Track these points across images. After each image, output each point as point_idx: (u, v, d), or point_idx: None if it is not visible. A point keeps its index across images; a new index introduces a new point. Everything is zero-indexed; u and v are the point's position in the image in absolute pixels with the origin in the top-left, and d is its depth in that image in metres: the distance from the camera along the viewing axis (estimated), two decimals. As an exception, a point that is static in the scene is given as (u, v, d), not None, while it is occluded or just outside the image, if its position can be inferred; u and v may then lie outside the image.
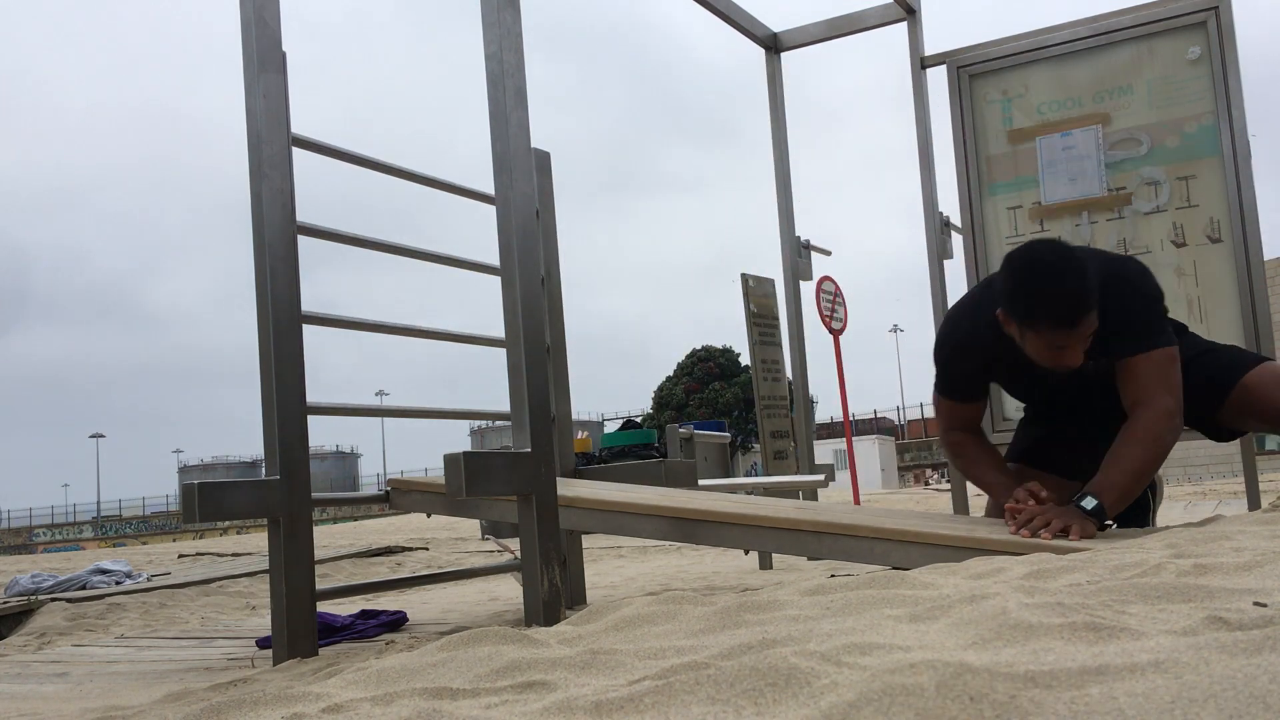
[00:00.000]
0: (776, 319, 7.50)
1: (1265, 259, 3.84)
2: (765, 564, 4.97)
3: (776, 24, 4.87)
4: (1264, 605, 1.04)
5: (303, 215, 2.60)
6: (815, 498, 5.55)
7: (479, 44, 2.49)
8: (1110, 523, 2.48)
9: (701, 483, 4.19)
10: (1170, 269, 3.87)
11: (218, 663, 2.87)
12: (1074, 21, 4.12)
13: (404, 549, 8.79)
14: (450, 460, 2.25)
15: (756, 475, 21.41)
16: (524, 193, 2.47)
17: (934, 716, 0.74)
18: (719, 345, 43.30)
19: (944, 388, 2.76)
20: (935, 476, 40.35)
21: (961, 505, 4.43)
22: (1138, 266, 2.56)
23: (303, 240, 2.61)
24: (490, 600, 4.32)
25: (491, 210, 2.55)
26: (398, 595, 5.08)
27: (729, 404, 40.31)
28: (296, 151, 2.63)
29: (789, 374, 6.55)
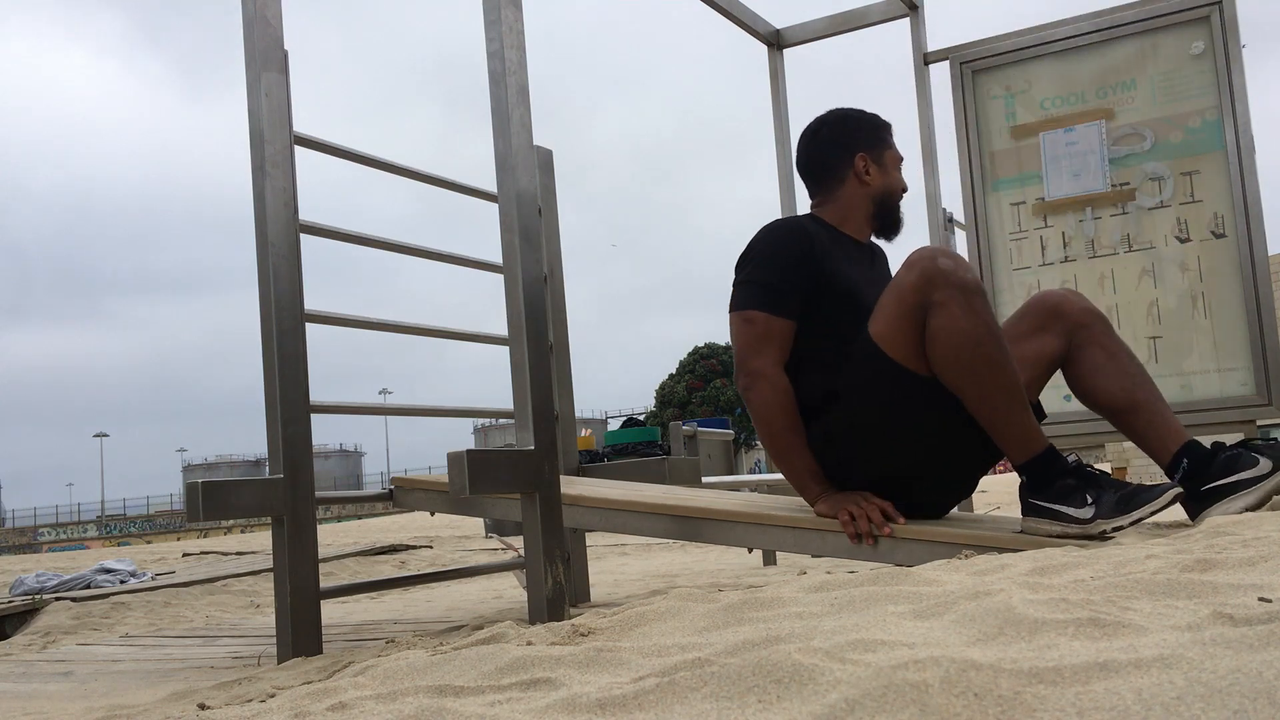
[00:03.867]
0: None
1: (1269, 254, 3.83)
2: (769, 561, 4.97)
3: (779, 20, 4.87)
4: (1269, 600, 1.03)
5: (305, 214, 2.61)
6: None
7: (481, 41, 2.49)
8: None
9: (705, 480, 4.19)
10: (1174, 264, 3.86)
11: (222, 661, 2.87)
12: (1077, 17, 4.11)
13: (408, 547, 8.80)
14: (454, 458, 2.25)
15: (760, 472, 21.41)
16: (527, 190, 2.47)
17: (938, 713, 0.74)
18: (722, 342, 43.31)
19: (764, 294, 2.41)
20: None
21: (965, 503, 4.42)
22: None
23: (305, 239, 2.61)
24: (494, 598, 4.33)
25: (494, 208, 2.55)
26: (402, 593, 5.08)
27: (732, 401, 40.32)
28: (299, 150, 2.63)
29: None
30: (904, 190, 2.67)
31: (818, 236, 2.49)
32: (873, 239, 2.69)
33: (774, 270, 2.43)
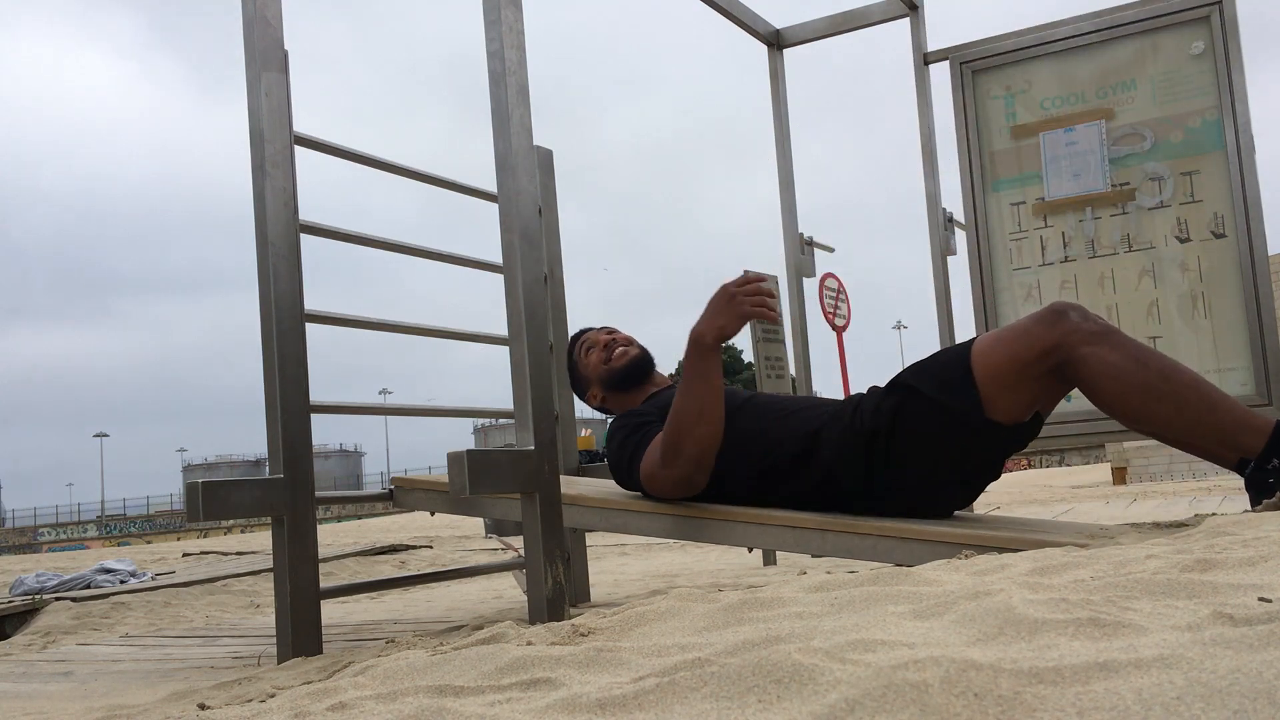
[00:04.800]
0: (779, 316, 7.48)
1: (1269, 254, 3.83)
2: (769, 561, 4.97)
3: (779, 20, 4.87)
4: (1269, 600, 1.03)
5: (305, 214, 2.61)
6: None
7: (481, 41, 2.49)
8: None
9: (705, 480, 4.18)
10: (1174, 264, 3.86)
11: (222, 661, 2.87)
12: (1077, 17, 4.11)
13: (408, 547, 8.79)
14: (454, 458, 2.25)
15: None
16: (526, 190, 2.47)
17: (938, 713, 0.74)
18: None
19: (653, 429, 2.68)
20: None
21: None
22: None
23: (306, 240, 2.61)
24: (494, 598, 4.33)
25: (495, 208, 2.55)
26: (402, 593, 5.08)
27: (732, 401, 40.23)
28: (299, 150, 2.63)
29: (792, 371, 6.54)
30: (592, 359, 3.03)
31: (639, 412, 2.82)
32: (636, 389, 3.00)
33: (641, 424, 2.69)
